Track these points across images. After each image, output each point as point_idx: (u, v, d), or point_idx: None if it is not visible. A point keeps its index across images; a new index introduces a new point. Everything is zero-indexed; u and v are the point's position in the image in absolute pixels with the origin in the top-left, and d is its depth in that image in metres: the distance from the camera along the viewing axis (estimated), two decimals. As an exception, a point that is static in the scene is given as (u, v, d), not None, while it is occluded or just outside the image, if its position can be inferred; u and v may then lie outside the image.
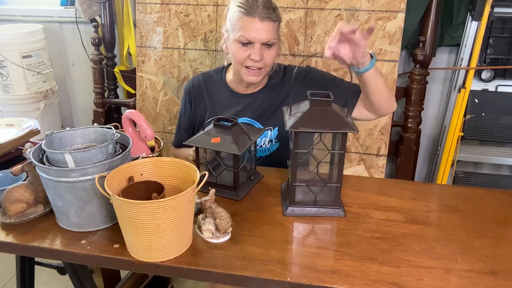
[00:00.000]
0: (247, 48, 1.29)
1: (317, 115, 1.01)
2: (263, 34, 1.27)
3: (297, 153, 1.03)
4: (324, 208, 1.09)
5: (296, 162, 1.05)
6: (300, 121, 1.00)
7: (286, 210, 1.08)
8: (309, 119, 1.00)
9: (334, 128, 1.00)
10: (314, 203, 1.08)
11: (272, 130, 1.44)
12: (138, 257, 0.93)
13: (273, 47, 1.32)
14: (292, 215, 1.08)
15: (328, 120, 1.00)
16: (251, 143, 1.14)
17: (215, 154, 1.18)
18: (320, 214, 1.09)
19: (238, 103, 1.44)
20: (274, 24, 1.29)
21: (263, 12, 1.25)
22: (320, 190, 1.08)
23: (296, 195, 1.09)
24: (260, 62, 1.30)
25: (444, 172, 2.06)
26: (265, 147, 1.45)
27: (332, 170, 1.12)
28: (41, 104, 2.32)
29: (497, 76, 2.01)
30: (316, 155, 1.06)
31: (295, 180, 1.07)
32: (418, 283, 0.87)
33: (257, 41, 1.27)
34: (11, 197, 1.03)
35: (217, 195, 1.03)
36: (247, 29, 1.26)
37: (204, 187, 0.93)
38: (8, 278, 2.05)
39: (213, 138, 1.13)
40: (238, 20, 1.28)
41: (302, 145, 1.03)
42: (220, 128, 1.16)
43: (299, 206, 1.09)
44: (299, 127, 0.99)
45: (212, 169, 1.17)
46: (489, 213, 1.12)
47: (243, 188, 1.17)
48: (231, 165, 1.13)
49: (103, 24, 2.26)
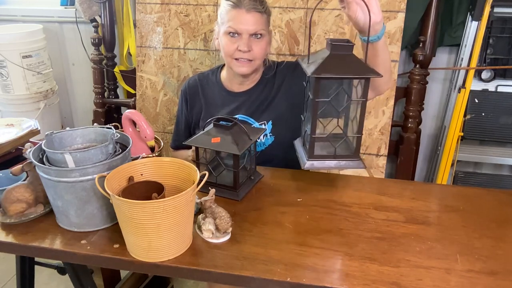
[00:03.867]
0: (236, 39, 1.33)
1: (338, 61, 0.95)
2: (250, 25, 1.30)
3: (317, 102, 0.97)
4: (344, 160, 1.03)
5: (317, 113, 0.99)
6: (321, 67, 0.93)
7: (305, 164, 1.02)
8: (331, 65, 0.94)
9: (358, 73, 0.94)
10: (334, 156, 1.03)
11: (266, 124, 1.46)
12: (138, 257, 0.93)
13: (262, 39, 1.34)
14: (311, 168, 1.02)
15: (350, 66, 0.94)
16: (251, 143, 1.14)
17: (215, 154, 1.18)
18: (340, 166, 1.04)
19: (232, 102, 1.46)
20: (262, 16, 1.32)
21: (250, 4, 1.29)
22: (340, 143, 1.02)
23: (315, 147, 1.03)
24: (248, 53, 1.33)
25: (444, 172, 2.06)
26: (260, 142, 1.47)
27: (350, 121, 1.06)
28: (41, 104, 2.32)
29: (497, 76, 2.01)
30: (336, 106, 1.01)
31: (315, 132, 1.01)
32: (418, 283, 0.87)
33: (245, 32, 1.31)
34: (11, 197, 1.03)
35: (217, 195, 1.03)
36: (234, 19, 1.30)
37: (204, 187, 0.93)
38: (8, 278, 2.05)
39: (213, 138, 1.13)
40: (226, 13, 1.32)
41: (323, 94, 0.98)
42: (220, 128, 1.16)
43: (319, 160, 1.03)
44: (321, 73, 0.93)
45: (212, 169, 1.17)
46: (489, 213, 1.12)
47: (243, 188, 1.17)
48: (231, 165, 1.13)
49: (103, 24, 2.26)
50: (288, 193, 1.19)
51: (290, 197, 1.17)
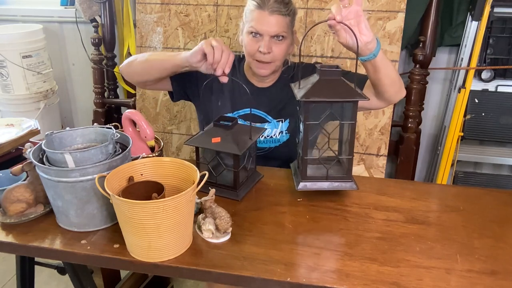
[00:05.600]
0: (257, 40, 1.34)
1: (327, 85, 1.00)
2: (272, 27, 1.31)
3: (308, 125, 1.02)
4: (337, 182, 1.07)
5: (308, 136, 1.04)
6: (310, 91, 0.98)
7: (298, 185, 1.06)
8: (319, 89, 0.99)
9: (345, 97, 0.99)
10: (326, 177, 1.06)
11: (283, 122, 1.47)
12: (138, 257, 0.93)
13: (283, 41, 1.35)
14: (304, 189, 1.06)
15: (338, 90, 0.99)
16: (251, 143, 1.14)
17: (215, 154, 1.18)
18: (332, 188, 1.07)
19: (251, 94, 1.46)
20: (285, 18, 1.33)
21: (274, 6, 1.30)
22: (331, 164, 1.06)
23: (308, 170, 1.07)
24: (268, 56, 1.33)
25: (444, 172, 2.07)
26: (275, 138, 1.48)
27: (342, 143, 1.10)
28: (41, 104, 2.32)
29: (497, 76, 2.01)
30: (327, 130, 1.06)
31: (307, 154, 1.05)
32: (418, 283, 0.87)
33: (266, 34, 1.31)
34: (11, 197, 1.03)
35: (217, 195, 1.03)
36: (256, 20, 1.31)
37: (204, 187, 0.93)
38: (8, 278, 2.05)
39: (214, 138, 1.13)
40: (250, 12, 1.34)
41: (313, 118, 1.02)
42: (220, 128, 1.16)
43: (312, 181, 1.06)
44: (310, 97, 0.98)
45: (212, 169, 1.17)
46: (489, 213, 1.12)
47: (243, 188, 1.17)
48: (231, 165, 1.13)
49: (103, 24, 2.26)
50: (288, 193, 1.19)
51: (290, 197, 1.17)
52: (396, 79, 1.22)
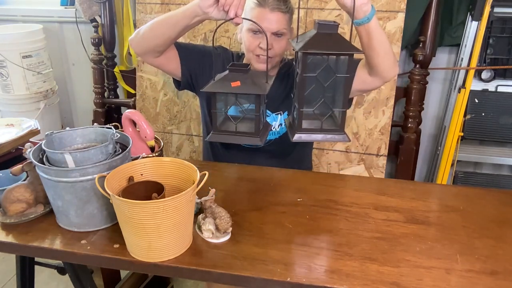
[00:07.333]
0: (258, 37, 1.36)
1: (324, 39, 1.01)
2: (273, 24, 1.33)
3: (305, 77, 1.03)
4: (330, 134, 1.08)
5: (304, 88, 1.05)
6: (308, 43, 1.00)
7: (294, 136, 1.07)
8: (317, 42, 1.00)
9: (342, 49, 1.01)
10: (320, 129, 1.07)
11: (282, 114, 1.49)
12: (138, 257, 0.93)
13: (282, 37, 1.37)
14: (299, 141, 1.07)
15: (336, 43, 1.01)
16: (269, 84, 1.09)
17: (234, 100, 1.10)
18: (326, 140, 1.09)
19: None
20: (285, 15, 1.35)
21: (274, 4, 1.32)
22: (326, 116, 1.07)
23: (303, 123, 1.08)
24: (269, 51, 1.34)
25: (444, 172, 2.06)
26: (275, 130, 1.50)
27: (336, 97, 1.11)
28: (41, 104, 2.32)
29: (497, 76, 2.01)
30: (322, 82, 1.06)
31: (303, 106, 1.06)
32: (418, 283, 0.87)
33: (267, 30, 1.33)
34: (11, 197, 1.03)
35: (236, 144, 0.99)
36: (257, 18, 1.32)
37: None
38: (8, 278, 2.05)
39: (233, 82, 1.07)
40: (251, 10, 1.35)
41: (311, 71, 1.03)
42: (236, 72, 1.09)
43: (306, 133, 1.07)
44: (308, 49, 0.99)
45: (230, 117, 1.11)
46: (489, 213, 1.12)
47: (262, 134, 1.12)
48: (250, 110, 1.09)
49: (103, 24, 2.26)
50: (288, 193, 1.19)
51: (290, 197, 1.17)
52: (389, 51, 1.23)
